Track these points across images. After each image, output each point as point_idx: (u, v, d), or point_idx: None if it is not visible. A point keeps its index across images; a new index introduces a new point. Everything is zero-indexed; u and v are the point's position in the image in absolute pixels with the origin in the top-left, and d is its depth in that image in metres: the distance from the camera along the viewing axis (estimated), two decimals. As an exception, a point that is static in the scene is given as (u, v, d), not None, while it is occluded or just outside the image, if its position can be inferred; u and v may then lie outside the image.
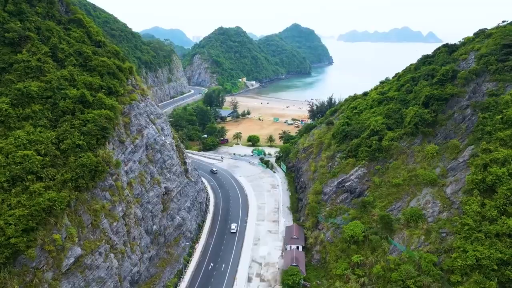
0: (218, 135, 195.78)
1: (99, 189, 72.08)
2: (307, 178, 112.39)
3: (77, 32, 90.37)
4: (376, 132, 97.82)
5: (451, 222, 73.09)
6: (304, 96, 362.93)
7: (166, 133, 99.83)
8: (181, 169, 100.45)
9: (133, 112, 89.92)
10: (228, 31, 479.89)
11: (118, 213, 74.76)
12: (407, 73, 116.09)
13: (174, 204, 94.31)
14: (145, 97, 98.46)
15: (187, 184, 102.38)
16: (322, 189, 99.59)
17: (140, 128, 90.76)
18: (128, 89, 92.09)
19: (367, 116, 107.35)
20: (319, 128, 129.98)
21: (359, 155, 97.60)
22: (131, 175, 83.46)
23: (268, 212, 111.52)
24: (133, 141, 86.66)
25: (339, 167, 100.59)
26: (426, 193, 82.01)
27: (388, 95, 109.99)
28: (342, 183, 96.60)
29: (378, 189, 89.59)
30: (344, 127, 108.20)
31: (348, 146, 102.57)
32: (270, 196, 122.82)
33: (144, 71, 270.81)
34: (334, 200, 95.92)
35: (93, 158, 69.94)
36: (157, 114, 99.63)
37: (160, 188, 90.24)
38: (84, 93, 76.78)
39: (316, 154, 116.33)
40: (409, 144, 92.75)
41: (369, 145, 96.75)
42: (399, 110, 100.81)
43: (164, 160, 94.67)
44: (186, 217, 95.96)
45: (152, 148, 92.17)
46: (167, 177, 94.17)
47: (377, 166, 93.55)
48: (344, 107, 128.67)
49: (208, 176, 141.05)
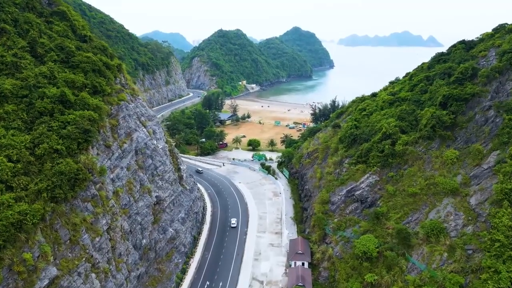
0: (216, 139, 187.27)
1: (79, 200, 63.72)
2: (312, 186, 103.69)
3: (60, 26, 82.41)
4: (389, 135, 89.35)
5: (478, 237, 64.54)
6: (306, 99, 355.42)
7: (159, 136, 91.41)
8: (175, 176, 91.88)
9: (121, 114, 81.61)
10: (228, 33, 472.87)
11: (102, 227, 66.21)
12: (419, 72, 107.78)
13: (167, 215, 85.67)
14: (136, 97, 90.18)
15: (182, 192, 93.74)
16: (330, 198, 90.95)
17: (129, 131, 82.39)
18: (116, 88, 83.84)
19: (378, 119, 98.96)
20: (325, 132, 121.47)
21: (370, 161, 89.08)
22: (118, 184, 74.99)
23: (270, 223, 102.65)
24: (120, 145, 78.30)
25: (347, 174, 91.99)
26: (447, 204, 73.46)
27: (400, 96, 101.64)
28: (352, 192, 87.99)
29: (392, 199, 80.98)
30: (352, 130, 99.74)
31: (358, 151, 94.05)
32: (272, 205, 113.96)
33: (141, 73, 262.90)
34: (343, 210, 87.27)
35: (73, 165, 61.75)
36: (149, 116, 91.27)
37: (151, 197, 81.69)
38: (65, 92, 68.67)
39: (322, 160, 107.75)
40: (426, 148, 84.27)
41: (381, 149, 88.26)
42: (413, 112, 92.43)
43: (156, 166, 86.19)
44: (180, 229, 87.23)
45: (142, 153, 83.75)
46: (159, 185, 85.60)
47: (390, 173, 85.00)
48: (351, 109, 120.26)
49: (206, 183, 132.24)
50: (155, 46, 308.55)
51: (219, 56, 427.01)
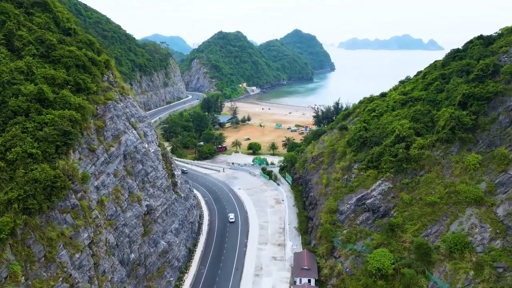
0: (215, 142, 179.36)
1: (57, 211, 56.08)
2: (317, 193, 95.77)
3: (41, 18, 75.01)
4: (402, 138, 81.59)
5: (508, 253, 56.92)
6: (307, 102, 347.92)
7: (150, 139, 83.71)
8: (168, 182, 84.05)
9: (108, 114, 73.94)
10: (228, 35, 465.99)
11: (83, 241, 58.41)
12: (432, 70, 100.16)
13: (158, 225, 77.77)
14: (125, 96, 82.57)
15: (176, 200, 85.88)
16: (338, 207, 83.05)
17: (117, 133, 74.69)
18: (103, 86, 76.23)
19: (389, 120, 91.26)
20: (330, 134, 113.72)
21: (382, 166, 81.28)
22: (103, 192, 67.23)
23: (272, 233, 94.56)
24: (107, 149, 70.61)
25: (357, 181, 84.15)
26: (470, 215, 65.67)
27: (412, 96, 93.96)
28: (362, 200, 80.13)
29: (408, 208, 73.10)
30: (361, 133, 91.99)
31: (368, 155, 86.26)
32: (274, 213, 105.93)
33: (138, 75, 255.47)
34: (353, 221, 79.36)
35: (49, 171, 54.27)
36: (139, 117, 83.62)
37: (141, 206, 73.85)
38: (43, 90, 61.25)
39: (328, 164, 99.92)
40: (444, 153, 76.52)
41: (394, 154, 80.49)
42: (428, 113, 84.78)
43: (147, 172, 78.42)
44: (173, 242, 79.27)
45: (131, 157, 76.03)
46: (150, 192, 77.77)
47: (405, 179, 77.20)
48: (359, 110, 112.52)
49: (203, 189, 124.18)
50: (153, 47, 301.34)
51: (219, 58, 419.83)
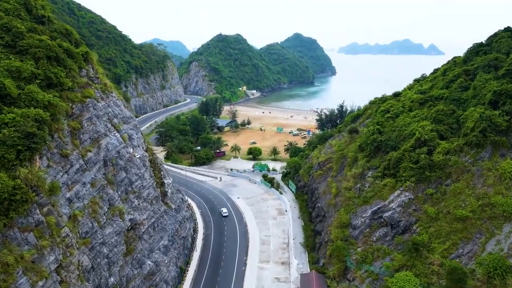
0: (213, 147, 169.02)
1: (16, 230, 45.80)
2: (326, 204, 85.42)
3: (10, 3, 65.10)
4: (424, 142, 71.43)
5: None
6: (309, 105, 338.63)
7: (136, 143, 73.56)
8: (156, 192, 73.74)
9: (86, 114, 63.80)
10: (228, 38, 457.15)
11: (48, 265, 47.98)
12: (453, 66, 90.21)
13: (144, 243, 67.37)
14: (108, 94, 72.52)
15: (165, 213, 75.52)
16: (350, 221, 72.70)
17: (97, 136, 64.51)
18: (81, 82, 66.10)
19: (407, 121, 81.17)
20: (339, 138, 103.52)
21: (401, 174, 71.06)
22: (76, 205, 56.86)
23: (275, 250, 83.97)
24: (83, 154, 60.39)
25: (372, 190, 73.89)
26: (510, 232, 55.60)
27: (432, 94, 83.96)
28: (379, 213, 69.81)
29: (434, 224, 62.77)
30: (375, 136, 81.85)
31: (384, 161, 76.09)
32: (276, 225, 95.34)
33: (134, 77, 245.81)
34: (368, 237, 68.95)
35: (7, 181, 44.26)
36: (124, 117, 73.52)
37: (123, 221, 63.51)
38: (4, 84, 51.11)
39: (337, 171, 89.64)
40: (474, 159, 66.30)
41: (415, 160, 70.27)
42: (453, 113, 74.70)
43: (131, 181, 68.16)
44: (161, 261, 68.80)
45: (113, 164, 65.83)
46: (135, 204, 67.44)
47: (428, 189, 66.95)
48: (370, 111, 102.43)
49: (198, 198, 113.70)
50: (150, 49, 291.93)
51: (218, 61, 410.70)
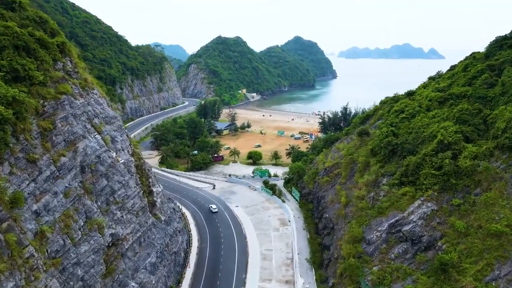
0: (211, 151, 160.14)
1: (-37, 252, 37.00)
2: (334, 214, 76.51)
3: (-28, -15, 56.90)
4: (448, 145, 62.69)
5: None
6: (310, 109, 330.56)
7: (120, 146, 64.80)
8: (143, 203, 64.84)
9: (61, 113, 55.07)
10: (227, 40, 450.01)
11: (4, 295, 39.05)
12: (474, 61, 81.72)
13: (128, 261, 58.41)
14: (89, 91, 63.81)
15: (153, 225, 66.58)
16: (363, 235, 63.77)
17: (73, 138, 55.71)
18: (56, 76, 57.41)
19: (425, 122, 72.53)
20: (347, 141, 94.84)
21: (422, 182, 62.28)
22: (45, 219, 47.96)
23: (278, 266, 74.85)
24: (55, 159, 51.57)
25: (388, 200, 65.05)
26: (557, 251, 46.62)
27: (452, 92, 75.41)
28: (397, 226, 60.92)
29: (464, 240, 53.86)
30: (389, 139, 73.16)
31: (400, 167, 67.33)
32: (279, 238, 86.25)
33: (130, 79, 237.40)
34: (385, 254, 59.99)
35: (-48, 193, 35.35)
36: (107, 117, 64.81)
37: (103, 236, 54.58)
38: (-44, 75, 42.69)
39: (346, 178, 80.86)
40: (507, 164, 57.50)
41: (438, 165, 61.52)
42: (479, 112, 66.12)
43: (113, 189, 59.34)
44: (147, 282, 59.78)
45: (92, 170, 57.01)
46: (117, 217, 58.56)
47: (454, 199, 58.14)
48: (381, 111, 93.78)
49: (193, 207, 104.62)
50: (147, 50, 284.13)
51: (218, 63, 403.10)
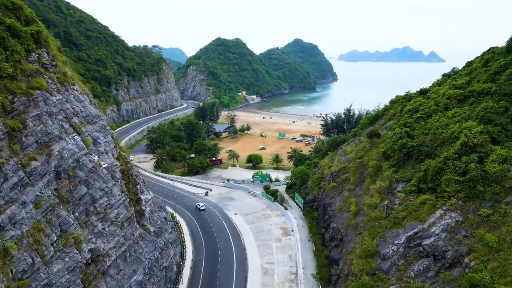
0: (208, 154, 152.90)
1: None
2: (343, 224, 69.28)
3: None
4: (472, 147, 55.63)
5: None
6: (312, 111, 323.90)
7: (104, 149, 57.70)
8: (129, 212, 57.62)
9: (33, 110, 48.08)
10: (227, 42, 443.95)
11: (-49, 329, 31.99)
12: (496, 56, 74.85)
13: (110, 280, 51.16)
14: (68, 86, 56.78)
15: (141, 238, 59.33)
16: (377, 248, 56.55)
17: (48, 139, 48.66)
18: (29, 69, 50.38)
19: (443, 122, 65.54)
20: (355, 143, 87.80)
21: (443, 189, 55.17)
22: (11, 233, 40.97)
23: (281, 282, 67.40)
24: (25, 164, 44.52)
25: (404, 209, 57.87)
26: None
27: (473, 89, 68.51)
28: (416, 240, 53.71)
29: (496, 256, 46.64)
30: (404, 140, 66.09)
31: (417, 172, 60.26)
32: (281, 250, 78.92)
33: (126, 80, 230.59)
34: (404, 271, 52.71)
35: None
36: (88, 116, 57.75)
37: (80, 252, 47.44)
38: None
39: (356, 184, 73.72)
40: (542, 169, 50.53)
41: (462, 170, 54.42)
42: (505, 111, 59.17)
43: (94, 198, 52.18)
44: (132, 304, 52.55)
45: (69, 176, 49.87)
46: (98, 229, 51.38)
47: (483, 209, 51.02)
48: (393, 111, 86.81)
49: (188, 214, 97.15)
50: (144, 51, 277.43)
51: (217, 65, 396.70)
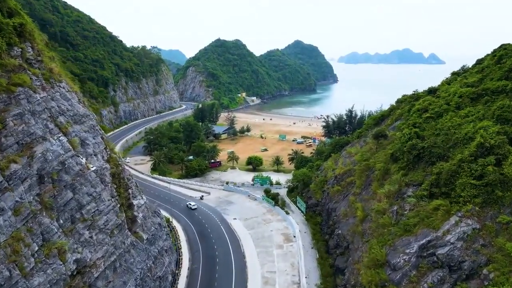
0: (207, 156, 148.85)
1: None
2: (349, 231, 65.20)
3: None
4: (489, 149, 51.68)
5: None
6: (312, 112, 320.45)
7: (92, 151, 53.71)
8: (120, 219, 53.57)
9: (14, 109, 44.22)
10: (226, 43, 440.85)
11: None
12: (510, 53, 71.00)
13: (97, 293, 47.09)
14: (54, 83, 52.86)
15: (132, 246, 55.27)
16: (387, 257, 52.45)
17: (30, 140, 44.73)
18: (10, 64, 46.48)
19: (455, 122, 61.62)
20: (360, 145, 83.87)
21: (458, 194, 51.12)
22: (-15, 244, 37.04)
23: (282, 293, 63.55)
24: (3, 167, 40.60)
25: (416, 215, 53.78)
26: None
27: (487, 87, 64.60)
28: (429, 249, 49.57)
29: (519, 268, 42.61)
30: (414, 142, 62.12)
31: (430, 176, 56.23)
32: (283, 257, 74.72)
33: (124, 80, 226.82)
34: (416, 283, 48.56)
35: None
36: (76, 115, 53.81)
37: (65, 263, 43.38)
38: None
39: (362, 188, 69.68)
40: None
41: (478, 173, 50.41)
42: (524, 109, 55.25)
43: (81, 204, 48.15)
44: (122, 319, 48.43)
45: (54, 180, 45.88)
46: (85, 238, 47.34)
47: (502, 216, 46.98)
48: (400, 110, 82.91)
49: (185, 219, 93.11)
50: (142, 52, 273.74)
51: (217, 66, 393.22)
